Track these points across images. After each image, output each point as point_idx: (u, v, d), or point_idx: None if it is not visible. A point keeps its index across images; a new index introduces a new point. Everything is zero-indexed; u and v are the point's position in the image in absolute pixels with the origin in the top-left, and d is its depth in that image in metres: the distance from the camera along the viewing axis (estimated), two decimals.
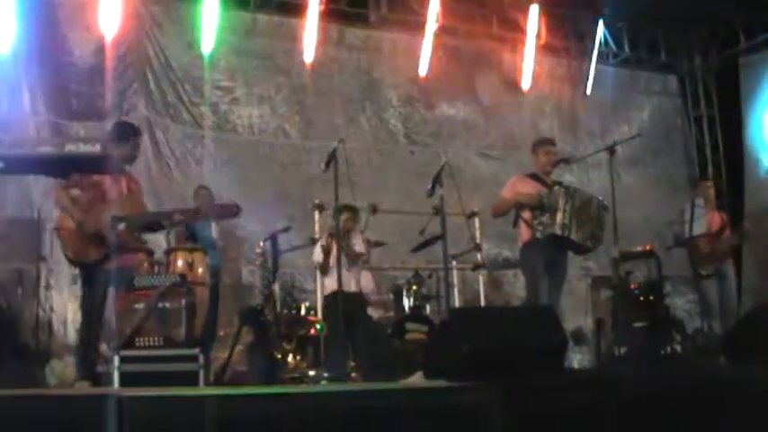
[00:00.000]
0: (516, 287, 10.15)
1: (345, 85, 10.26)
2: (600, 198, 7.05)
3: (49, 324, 7.71)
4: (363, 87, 10.38)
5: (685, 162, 12.42)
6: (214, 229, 7.75)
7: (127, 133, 6.18)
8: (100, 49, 8.51)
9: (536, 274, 6.72)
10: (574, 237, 6.74)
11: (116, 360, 5.24)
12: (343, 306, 6.86)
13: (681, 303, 10.73)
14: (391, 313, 8.38)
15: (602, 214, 6.89)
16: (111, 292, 5.65)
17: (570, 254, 7.11)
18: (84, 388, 5.46)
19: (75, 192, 5.87)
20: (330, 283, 7.53)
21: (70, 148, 4.59)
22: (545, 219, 6.73)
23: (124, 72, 8.80)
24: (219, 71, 9.46)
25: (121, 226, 5.69)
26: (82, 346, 5.88)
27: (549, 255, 6.76)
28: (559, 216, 6.68)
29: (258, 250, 7.91)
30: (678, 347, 8.34)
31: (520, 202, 6.90)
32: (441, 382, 3.89)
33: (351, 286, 7.44)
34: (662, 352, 8.21)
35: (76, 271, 7.48)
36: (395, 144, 10.46)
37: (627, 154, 11.20)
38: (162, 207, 7.74)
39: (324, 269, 7.80)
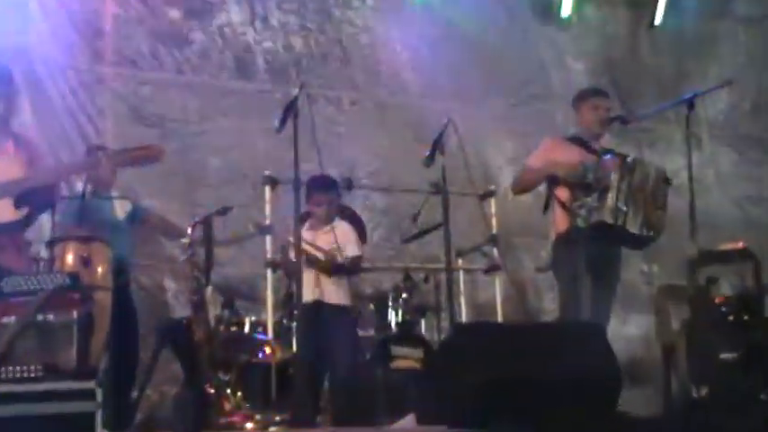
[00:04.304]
0: (547, 296, 10.23)
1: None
2: (661, 168, 7.15)
3: None
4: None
5: None
6: (118, 207, 7.72)
7: None
8: None
9: (576, 279, 6.74)
10: (630, 226, 6.79)
11: None
12: (316, 322, 7.12)
13: None
14: (372, 331, 8.41)
15: (662, 189, 6.97)
16: None
17: (624, 250, 7.21)
18: None
19: None
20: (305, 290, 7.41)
21: None
22: (590, 200, 6.76)
23: None
24: None
25: None
26: None
27: (594, 251, 6.78)
28: (611, 197, 6.70)
29: (184, 240, 7.65)
30: None
31: (554, 174, 6.97)
32: (441, 429, 3.94)
33: (329, 296, 7.60)
34: (762, 396, 8.21)
35: None
36: (380, 93, 10.58)
37: (712, 111, 11.50)
38: None
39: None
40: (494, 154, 10.57)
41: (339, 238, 7.60)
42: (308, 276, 7.43)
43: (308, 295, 7.30)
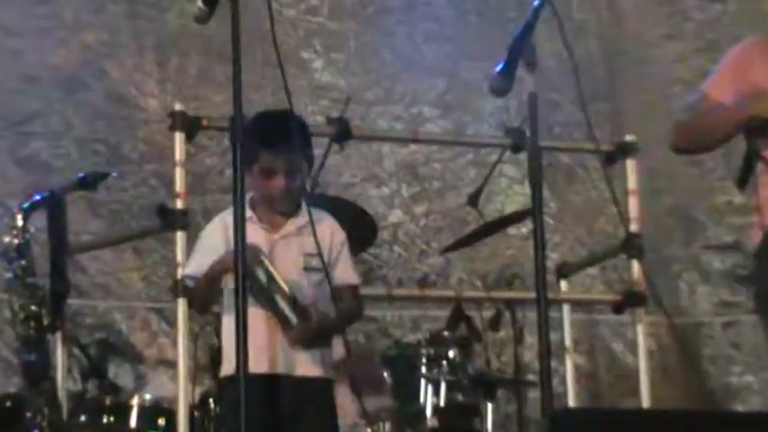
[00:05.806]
0: (742, 357, 10.47)
1: None
2: None
3: None
4: None
5: None
6: None
7: None
8: None
9: None
10: None
11: None
12: (268, 412, 6.46)
13: None
14: (387, 425, 8.03)
15: None
16: None
17: None
18: None
19: None
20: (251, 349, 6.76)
21: None
22: None
23: None
24: None
25: None
26: None
27: None
28: None
29: (10, 239, 7.38)
30: None
31: (761, 115, 6.20)
32: None
33: (296, 365, 6.79)
34: None
35: None
36: None
37: None
38: None
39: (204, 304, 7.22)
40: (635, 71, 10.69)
41: (325, 249, 6.68)
42: (256, 322, 6.44)
43: (256, 362, 6.32)
